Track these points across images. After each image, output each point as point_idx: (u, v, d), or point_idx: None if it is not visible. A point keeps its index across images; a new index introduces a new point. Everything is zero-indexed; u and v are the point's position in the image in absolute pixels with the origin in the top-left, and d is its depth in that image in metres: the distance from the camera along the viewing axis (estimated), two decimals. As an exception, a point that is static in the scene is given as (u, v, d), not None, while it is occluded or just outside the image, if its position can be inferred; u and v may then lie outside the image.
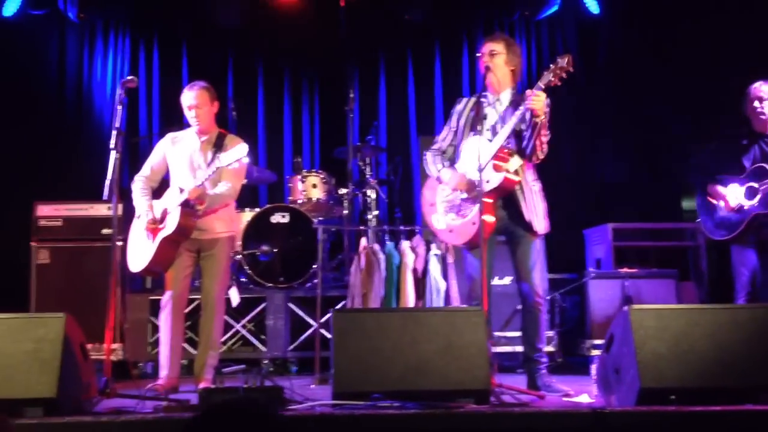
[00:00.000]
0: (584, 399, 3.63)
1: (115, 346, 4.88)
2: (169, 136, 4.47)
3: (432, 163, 4.16)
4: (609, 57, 7.25)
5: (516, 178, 3.95)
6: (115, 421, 3.08)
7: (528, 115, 3.90)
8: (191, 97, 4.30)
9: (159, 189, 4.45)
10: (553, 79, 3.84)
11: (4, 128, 6.56)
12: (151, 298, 5.42)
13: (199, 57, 7.44)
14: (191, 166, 4.30)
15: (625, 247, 5.74)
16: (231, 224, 4.45)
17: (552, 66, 3.87)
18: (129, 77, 4.16)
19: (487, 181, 3.88)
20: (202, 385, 4.08)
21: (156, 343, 5.26)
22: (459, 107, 4.21)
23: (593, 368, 3.61)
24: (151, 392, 3.76)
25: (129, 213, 4.47)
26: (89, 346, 3.62)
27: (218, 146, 4.31)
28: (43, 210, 5.42)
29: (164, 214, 4.20)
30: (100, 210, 5.42)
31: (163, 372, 4.21)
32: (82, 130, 7.20)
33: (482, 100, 4.10)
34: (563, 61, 3.83)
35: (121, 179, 4.56)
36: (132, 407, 3.41)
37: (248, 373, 3.57)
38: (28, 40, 7.03)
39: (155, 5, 7.21)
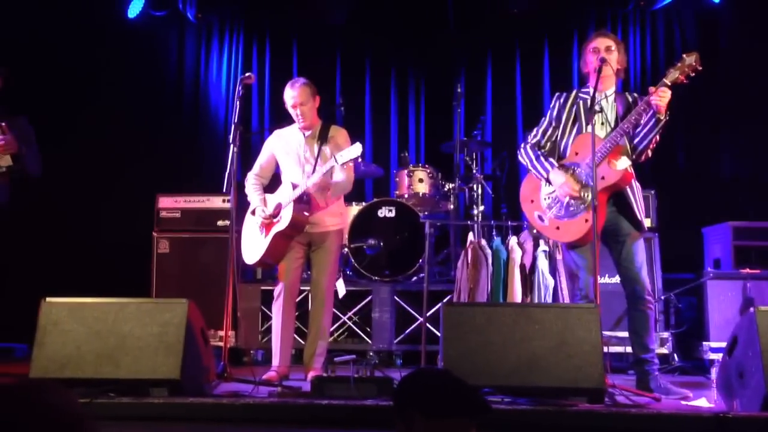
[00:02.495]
0: (703, 403, 3.48)
1: (229, 333, 5.08)
2: (275, 133, 4.60)
3: (535, 159, 4.05)
4: (730, 47, 6.91)
5: (632, 173, 3.85)
6: (235, 404, 3.21)
7: (650, 112, 3.78)
8: (294, 95, 4.38)
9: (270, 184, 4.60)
10: (680, 76, 3.71)
11: (129, 124, 6.93)
12: (262, 288, 5.60)
13: (308, 54, 7.61)
14: (299, 161, 4.41)
15: (746, 247, 5.45)
16: (341, 218, 4.53)
17: (678, 63, 3.74)
18: (246, 74, 4.31)
19: (603, 178, 3.78)
20: (311, 374, 4.19)
21: (267, 332, 5.44)
22: (560, 102, 4.12)
23: (713, 371, 3.46)
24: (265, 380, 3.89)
25: (243, 205, 4.63)
26: (206, 332, 3.78)
27: (323, 138, 4.40)
28: (164, 202, 5.69)
29: (278, 208, 4.33)
30: (216, 202, 5.65)
31: (275, 360, 4.34)
32: (199, 126, 7.52)
33: (583, 95, 4.01)
34: (691, 59, 3.70)
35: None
36: (248, 392, 3.54)
37: (358, 364, 3.62)
38: (149, 40, 7.41)
39: (268, 5, 7.42)
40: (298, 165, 4.41)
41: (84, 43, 6.75)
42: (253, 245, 4.41)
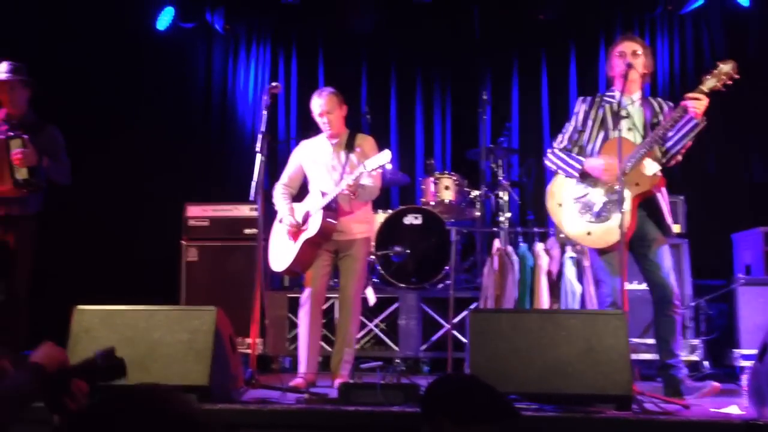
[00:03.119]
0: (734, 410, 3.44)
1: (257, 340, 5.12)
2: (302, 144, 4.64)
3: (567, 158, 4.02)
4: (760, 50, 6.82)
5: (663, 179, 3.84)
6: (263, 410, 3.24)
7: (686, 118, 3.76)
8: (321, 104, 4.42)
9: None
10: (718, 84, 3.70)
11: (158, 134, 7.03)
12: (289, 295, 5.64)
13: (334, 63, 7.66)
14: (327, 169, 4.45)
15: (778, 253, 5.37)
16: (368, 225, 4.56)
17: (714, 71, 3.73)
18: (273, 84, 4.37)
19: (637, 184, 3.76)
20: (338, 381, 4.20)
21: (294, 339, 5.48)
22: (584, 107, 4.11)
23: (744, 378, 3.42)
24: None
25: (270, 214, 4.68)
26: (233, 339, 3.81)
27: (350, 146, 4.44)
28: (193, 211, 5.77)
29: (306, 216, 4.37)
30: (243, 211, 5.71)
31: (302, 367, 4.36)
32: (226, 135, 7.61)
33: (608, 99, 3.99)
34: (727, 67, 3.70)
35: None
36: (275, 398, 3.57)
37: (385, 371, 3.63)
38: (178, 51, 7.52)
39: (295, 15, 7.49)
40: (326, 173, 4.44)
41: (115, 55, 6.87)
42: (281, 253, 4.45)
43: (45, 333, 2.75)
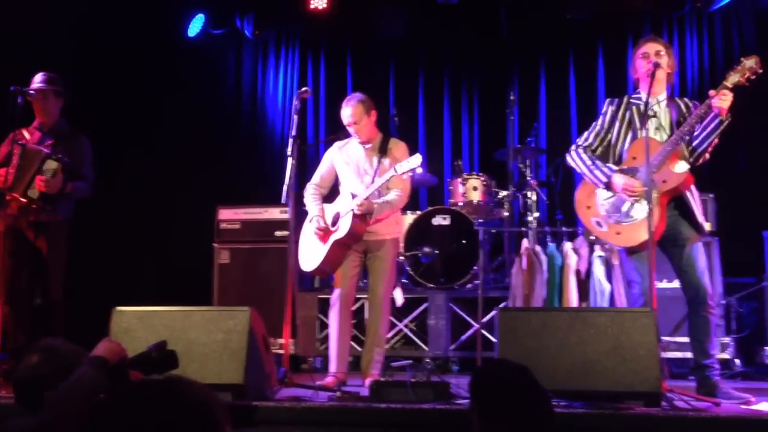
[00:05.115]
0: (764, 407, 3.43)
1: (289, 340, 5.20)
2: (336, 145, 4.70)
3: (592, 165, 4.00)
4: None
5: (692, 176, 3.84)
6: (296, 408, 3.32)
7: (711, 115, 3.76)
8: (348, 114, 4.48)
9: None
10: (741, 79, 3.70)
11: (190, 139, 7.17)
12: (319, 296, 5.72)
13: (362, 66, 7.74)
14: (358, 172, 4.51)
15: (810, 250, 5.33)
16: (396, 227, 4.61)
17: (738, 66, 3.73)
18: (303, 88, 4.45)
19: (664, 181, 3.77)
20: (369, 380, 4.26)
21: (324, 340, 5.56)
22: (612, 108, 4.11)
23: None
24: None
25: (301, 216, 4.76)
26: (265, 339, 3.89)
27: (383, 151, 4.49)
28: (224, 214, 5.87)
29: (336, 218, 4.44)
30: (274, 213, 5.80)
31: (332, 366, 4.41)
32: (257, 139, 7.73)
33: (634, 101, 4.01)
34: (751, 62, 3.70)
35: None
36: (308, 397, 3.65)
37: (415, 369, 3.68)
38: (209, 57, 7.66)
39: (323, 20, 7.58)
40: (358, 176, 4.50)
41: (147, 62, 7.02)
42: (310, 253, 4.51)
43: (83, 334, 2.86)
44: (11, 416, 2.20)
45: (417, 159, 4.21)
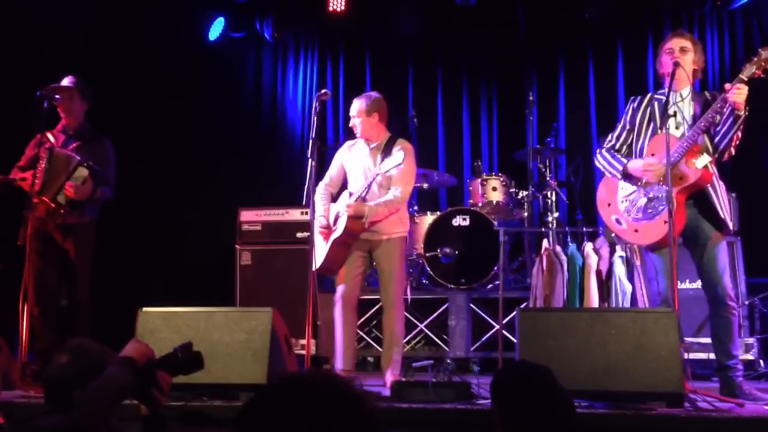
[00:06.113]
0: (789, 409, 3.41)
1: (311, 341, 5.23)
2: (346, 144, 4.74)
3: (611, 158, 4.04)
4: (813, 42, 6.68)
5: (712, 172, 3.81)
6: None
7: (728, 109, 3.74)
8: (352, 108, 4.58)
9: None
10: (756, 71, 3.66)
11: (212, 142, 7.24)
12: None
13: (381, 67, 7.77)
14: (363, 172, 4.53)
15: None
16: (401, 225, 4.54)
17: (755, 58, 3.70)
18: (323, 90, 4.48)
19: (681, 178, 3.76)
20: (390, 379, 4.28)
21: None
22: (633, 105, 4.11)
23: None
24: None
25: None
26: (287, 340, 3.92)
27: (387, 151, 4.50)
28: (246, 215, 5.92)
29: (336, 217, 4.48)
30: (295, 215, 5.83)
31: (337, 364, 4.43)
32: (277, 141, 7.79)
33: (658, 97, 3.99)
34: (766, 53, 3.65)
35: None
36: (330, 396, 3.67)
37: (436, 369, 3.70)
38: (229, 60, 7.73)
39: (341, 22, 7.62)
40: (361, 175, 4.53)
41: (169, 65, 7.10)
42: (318, 252, 4.55)
43: (109, 334, 2.92)
44: (41, 416, 2.25)
45: (399, 156, 4.21)
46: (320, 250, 4.51)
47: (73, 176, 4.63)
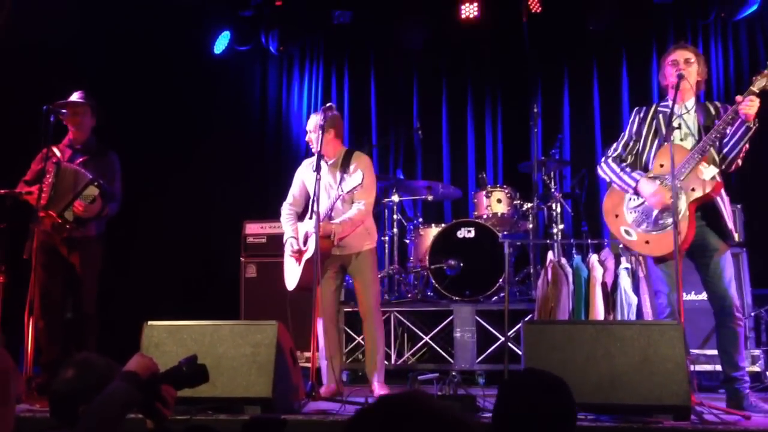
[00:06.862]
0: (797, 421, 3.39)
1: (315, 354, 5.22)
2: (305, 162, 4.77)
3: (621, 171, 4.03)
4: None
5: (721, 182, 3.82)
6: (324, 421, 3.34)
7: (738, 121, 3.75)
8: (308, 123, 4.63)
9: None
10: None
11: (217, 155, 7.27)
12: (345, 310, 5.73)
13: (385, 80, 7.80)
14: (325, 189, 4.51)
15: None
16: (368, 237, 4.60)
17: (765, 71, 3.72)
18: (328, 104, 4.50)
19: (693, 189, 3.76)
20: (378, 390, 4.36)
21: (350, 353, 5.61)
22: (639, 116, 4.12)
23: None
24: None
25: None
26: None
27: (345, 165, 4.54)
28: (251, 228, 5.94)
29: (306, 236, 4.49)
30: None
31: (324, 379, 4.51)
32: (281, 154, 7.81)
33: (662, 109, 4.00)
34: None
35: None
36: (336, 410, 3.67)
37: (441, 382, 3.70)
38: (235, 73, 7.78)
39: (346, 34, 7.66)
40: (324, 193, 4.49)
41: (174, 80, 7.13)
42: (291, 272, 4.58)
43: (114, 347, 2.93)
44: (47, 430, 2.25)
45: (358, 177, 4.20)
46: (293, 271, 4.55)
47: (83, 194, 4.64)
